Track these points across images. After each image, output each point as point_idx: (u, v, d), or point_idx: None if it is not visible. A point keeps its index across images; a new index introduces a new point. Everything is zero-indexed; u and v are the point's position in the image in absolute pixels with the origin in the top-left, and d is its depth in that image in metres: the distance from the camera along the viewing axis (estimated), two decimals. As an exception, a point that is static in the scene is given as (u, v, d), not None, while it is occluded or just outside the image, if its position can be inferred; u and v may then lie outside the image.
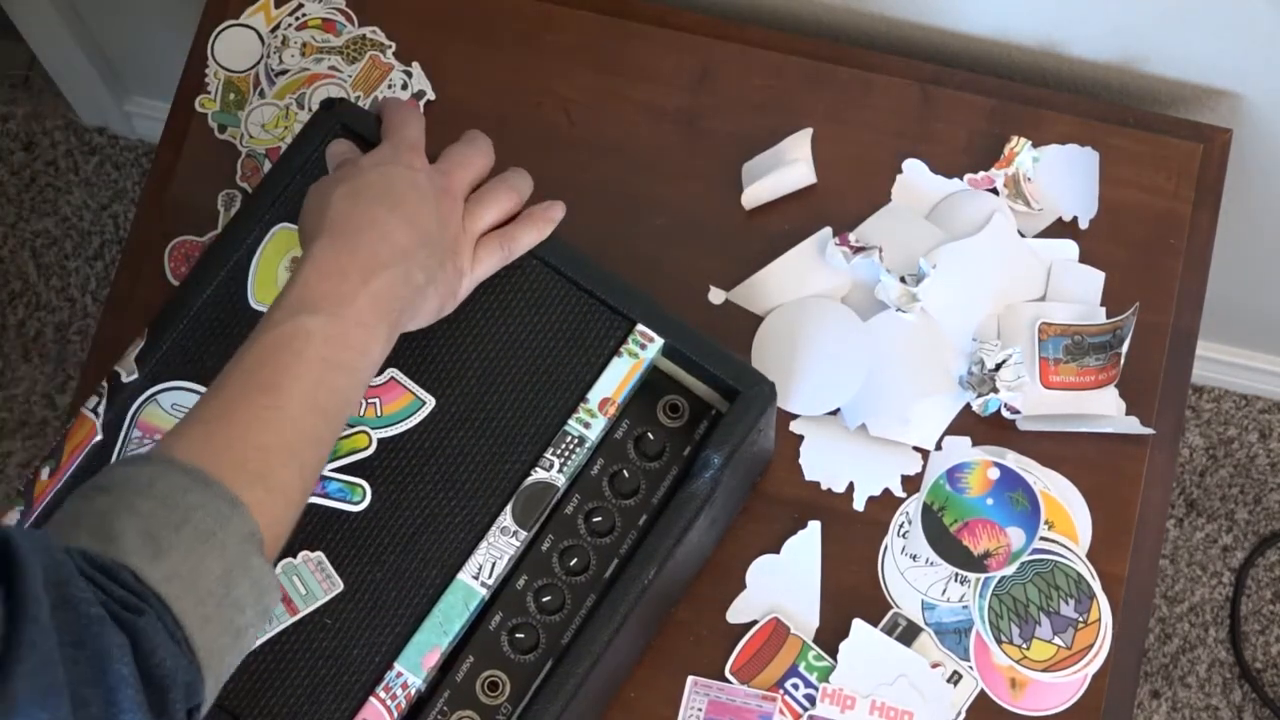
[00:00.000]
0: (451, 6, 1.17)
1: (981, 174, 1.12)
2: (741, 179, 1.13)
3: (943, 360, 1.08)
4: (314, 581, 0.90)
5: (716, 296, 1.11)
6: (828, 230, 1.11)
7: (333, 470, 0.92)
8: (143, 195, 1.15)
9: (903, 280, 1.08)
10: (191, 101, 1.16)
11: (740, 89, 1.15)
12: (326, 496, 0.91)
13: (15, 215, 1.89)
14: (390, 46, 1.16)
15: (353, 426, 0.92)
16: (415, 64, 1.16)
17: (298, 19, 1.17)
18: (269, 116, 1.15)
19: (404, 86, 1.15)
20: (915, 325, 1.09)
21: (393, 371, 0.93)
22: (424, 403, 0.93)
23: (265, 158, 1.14)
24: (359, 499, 0.91)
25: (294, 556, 0.90)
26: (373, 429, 0.93)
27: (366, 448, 0.92)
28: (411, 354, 0.93)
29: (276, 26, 1.17)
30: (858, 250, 1.08)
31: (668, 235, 1.12)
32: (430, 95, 1.15)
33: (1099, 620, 1.04)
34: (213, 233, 1.12)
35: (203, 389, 0.89)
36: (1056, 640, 1.03)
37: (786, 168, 1.11)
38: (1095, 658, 1.03)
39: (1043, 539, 1.05)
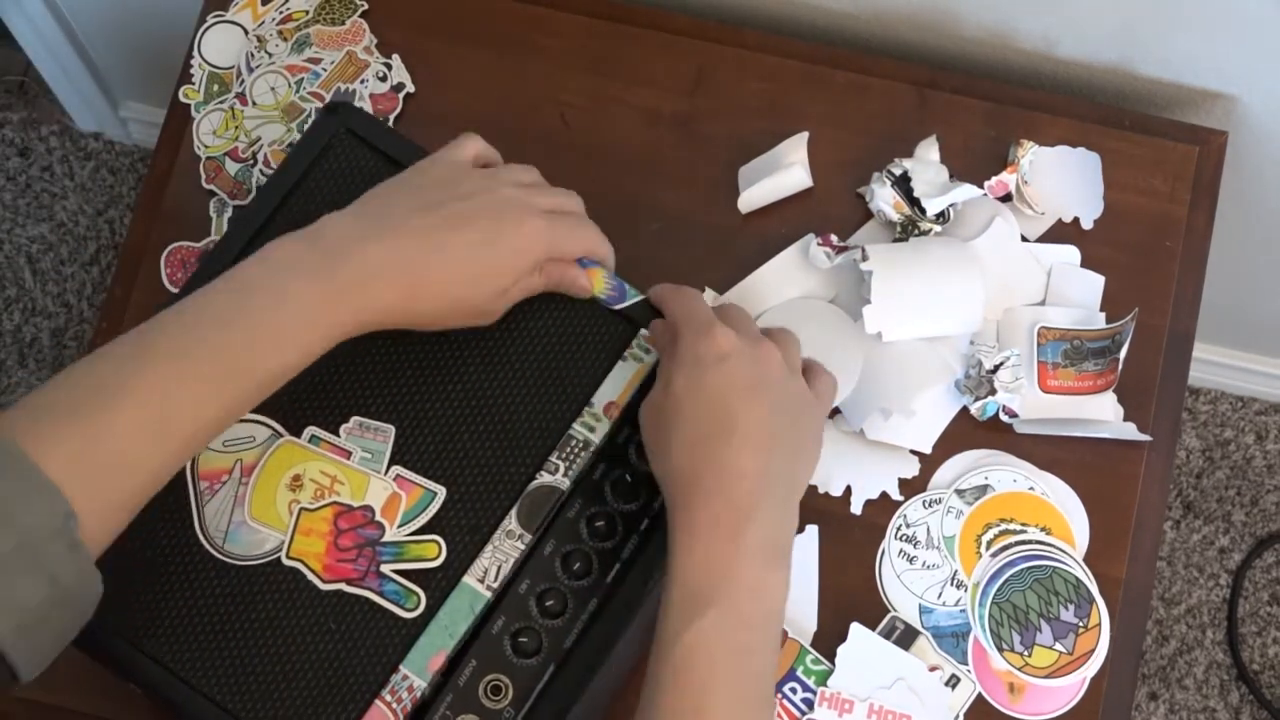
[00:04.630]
0: (446, 11, 1.17)
1: (995, 180, 1.11)
2: (738, 183, 1.13)
3: (940, 364, 1.08)
4: (315, 586, 0.90)
5: (712, 300, 1.11)
6: (810, 236, 1.11)
7: (394, 570, 0.89)
8: (138, 201, 1.15)
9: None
10: (187, 108, 1.16)
11: (736, 93, 1.16)
12: (381, 595, 0.89)
13: (11, 221, 1.89)
14: (371, 40, 1.16)
15: (425, 534, 0.90)
16: (395, 56, 1.16)
17: (281, 13, 1.17)
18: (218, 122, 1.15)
19: (382, 79, 1.15)
20: (913, 328, 1.09)
21: (394, 375, 0.93)
22: (429, 406, 0.93)
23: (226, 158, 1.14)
24: (413, 605, 0.89)
25: (295, 562, 0.90)
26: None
27: (435, 558, 0.90)
28: (416, 357, 0.93)
29: (262, 23, 1.17)
30: (840, 250, 1.08)
31: (664, 239, 1.12)
32: (410, 88, 1.15)
33: (1099, 625, 1.04)
34: (209, 239, 1.12)
35: None
36: (1058, 646, 1.03)
37: (782, 171, 1.11)
38: (1093, 660, 1.03)
39: (1041, 543, 1.05)
